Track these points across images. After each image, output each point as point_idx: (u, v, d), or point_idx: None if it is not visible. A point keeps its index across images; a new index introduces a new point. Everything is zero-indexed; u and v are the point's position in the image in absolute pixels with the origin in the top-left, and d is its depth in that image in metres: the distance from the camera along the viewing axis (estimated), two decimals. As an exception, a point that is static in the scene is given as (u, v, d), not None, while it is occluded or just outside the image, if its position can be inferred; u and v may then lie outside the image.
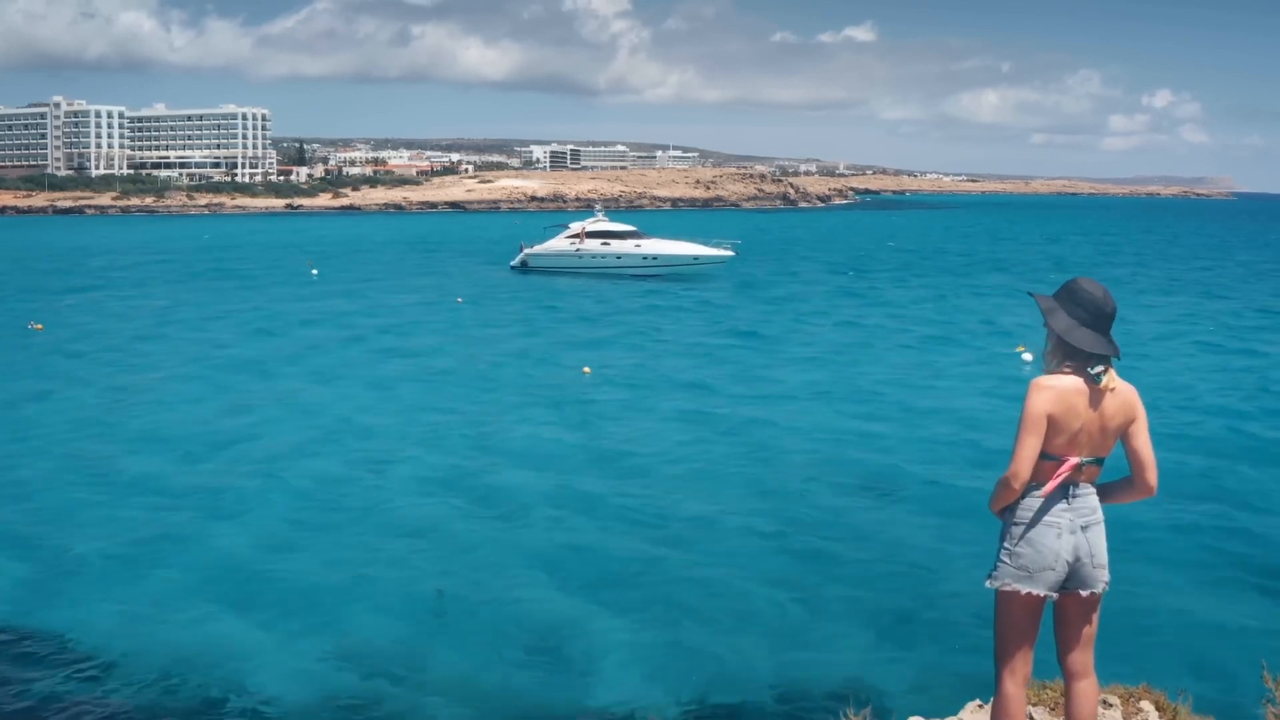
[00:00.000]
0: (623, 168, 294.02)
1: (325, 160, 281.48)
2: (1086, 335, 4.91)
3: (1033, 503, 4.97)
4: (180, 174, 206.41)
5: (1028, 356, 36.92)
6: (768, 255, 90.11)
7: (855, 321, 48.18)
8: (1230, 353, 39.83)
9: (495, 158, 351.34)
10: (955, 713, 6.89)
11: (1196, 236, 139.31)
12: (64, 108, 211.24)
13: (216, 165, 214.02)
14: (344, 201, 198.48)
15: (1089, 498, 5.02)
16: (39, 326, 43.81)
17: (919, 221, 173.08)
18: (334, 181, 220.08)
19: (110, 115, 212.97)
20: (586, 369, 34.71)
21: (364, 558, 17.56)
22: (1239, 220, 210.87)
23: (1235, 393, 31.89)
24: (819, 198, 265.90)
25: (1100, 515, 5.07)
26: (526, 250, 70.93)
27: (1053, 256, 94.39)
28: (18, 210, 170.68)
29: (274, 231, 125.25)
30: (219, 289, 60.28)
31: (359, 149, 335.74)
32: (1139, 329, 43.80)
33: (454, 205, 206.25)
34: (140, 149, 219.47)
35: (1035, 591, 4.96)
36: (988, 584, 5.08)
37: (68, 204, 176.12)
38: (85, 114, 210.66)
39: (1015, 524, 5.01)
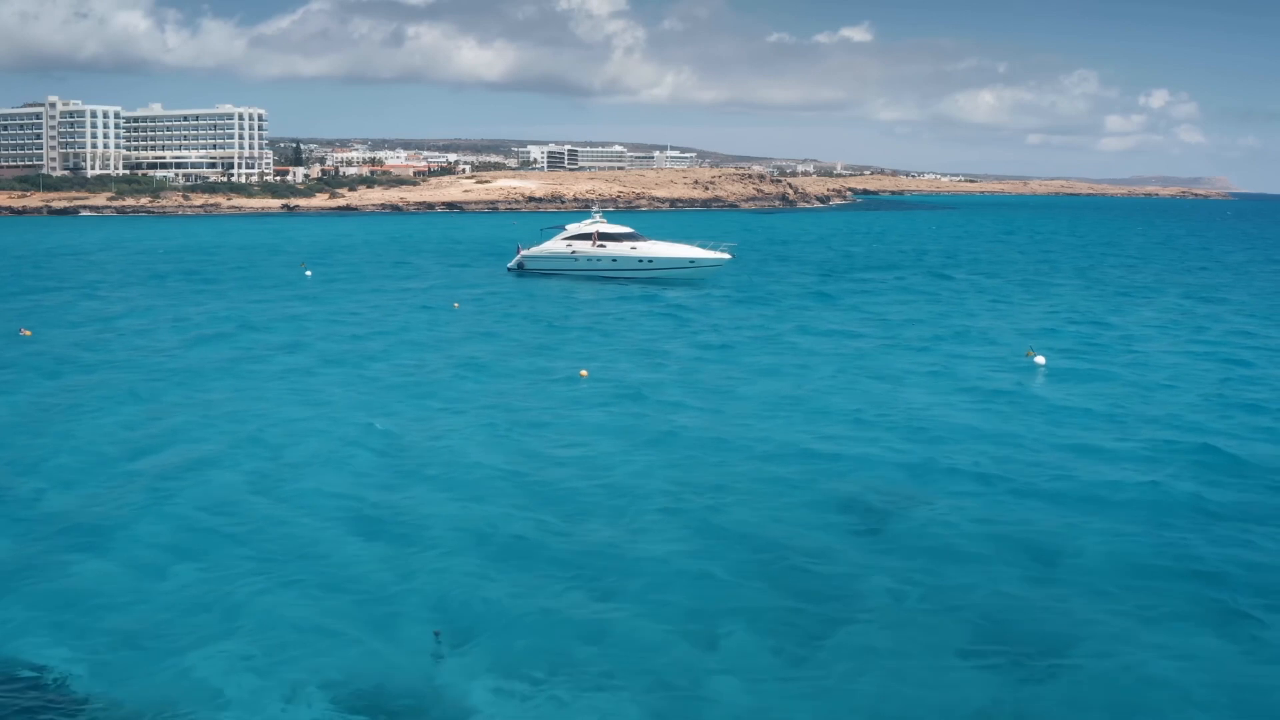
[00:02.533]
0: (620, 168, 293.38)
1: (322, 160, 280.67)
2: None
3: None
4: (176, 174, 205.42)
5: (1040, 360, 36.04)
6: (769, 259, 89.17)
7: (857, 326, 47.36)
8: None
9: (492, 158, 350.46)
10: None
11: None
12: (59, 108, 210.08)
13: (213, 165, 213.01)
14: (340, 202, 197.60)
15: None
16: (28, 332, 42.99)
17: (924, 222, 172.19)
18: (330, 182, 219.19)
19: (106, 115, 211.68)
20: (584, 371, 34.01)
21: (337, 584, 16.77)
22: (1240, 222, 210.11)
23: None
24: (818, 198, 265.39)
25: None
26: (523, 252, 70.32)
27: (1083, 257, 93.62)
28: (12, 211, 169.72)
29: (270, 232, 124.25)
30: (211, 292, 59.40)
31: (356, 149, 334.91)
32: None
33: (451, 206, 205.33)
34: (136, 149, 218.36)
35: None
36: None
37: (63, 204, 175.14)
38: (81, 114, 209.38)
39: None
